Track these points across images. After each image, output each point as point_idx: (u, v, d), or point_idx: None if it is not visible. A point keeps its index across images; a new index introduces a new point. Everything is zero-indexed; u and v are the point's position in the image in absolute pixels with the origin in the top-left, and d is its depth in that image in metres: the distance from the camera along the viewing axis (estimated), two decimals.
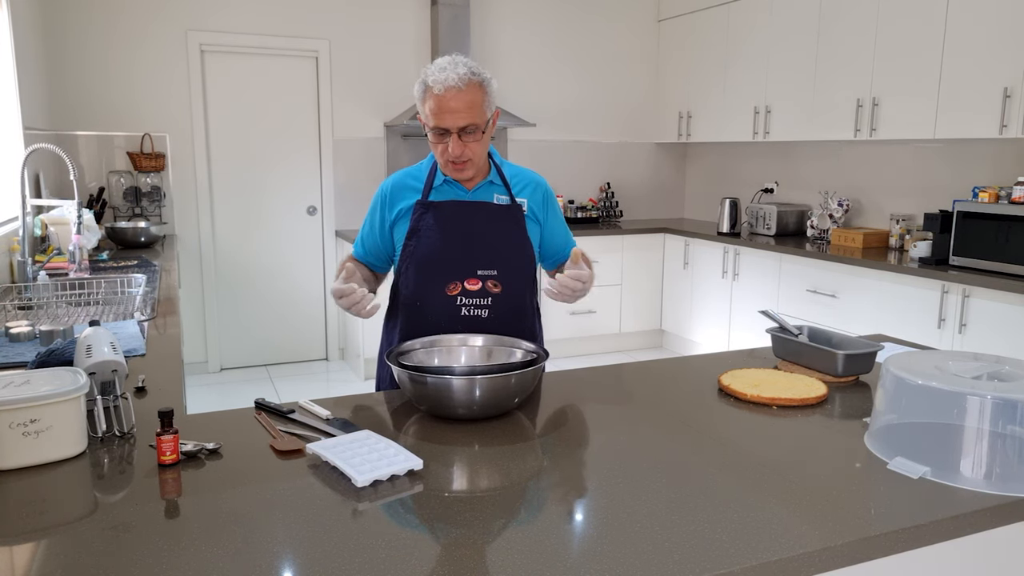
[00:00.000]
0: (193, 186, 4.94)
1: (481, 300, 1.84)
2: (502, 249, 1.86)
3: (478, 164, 1.82)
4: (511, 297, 1.87)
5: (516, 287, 1.88)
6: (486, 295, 1.84)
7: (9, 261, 2.94)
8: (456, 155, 1.75)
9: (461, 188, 1.87)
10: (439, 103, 1.71)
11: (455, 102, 1.70)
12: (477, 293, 1.84)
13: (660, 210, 6.39)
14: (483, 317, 1.84)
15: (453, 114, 1.71)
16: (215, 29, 4.85)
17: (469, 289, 1.83)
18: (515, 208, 1.89)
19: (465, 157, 1.76)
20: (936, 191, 4.40)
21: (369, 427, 1.45)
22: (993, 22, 3.65)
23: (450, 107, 1.70)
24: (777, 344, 1.92)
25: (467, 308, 1.84)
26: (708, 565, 0.97)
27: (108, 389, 1.43)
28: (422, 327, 1.81)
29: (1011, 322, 3.39)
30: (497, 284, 1.85)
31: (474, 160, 1.79)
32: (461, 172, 1.80)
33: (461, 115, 1.71)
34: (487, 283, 1.84)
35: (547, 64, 5.78)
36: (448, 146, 1.74)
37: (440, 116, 1.72)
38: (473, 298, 1.84)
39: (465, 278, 1.83)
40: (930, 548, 1.13)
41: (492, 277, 1.84)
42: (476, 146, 1.76)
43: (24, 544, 1.01)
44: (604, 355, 5.59)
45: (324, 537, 1.03)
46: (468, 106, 1.71)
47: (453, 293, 1.83)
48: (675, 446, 1.37)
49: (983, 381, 1.31)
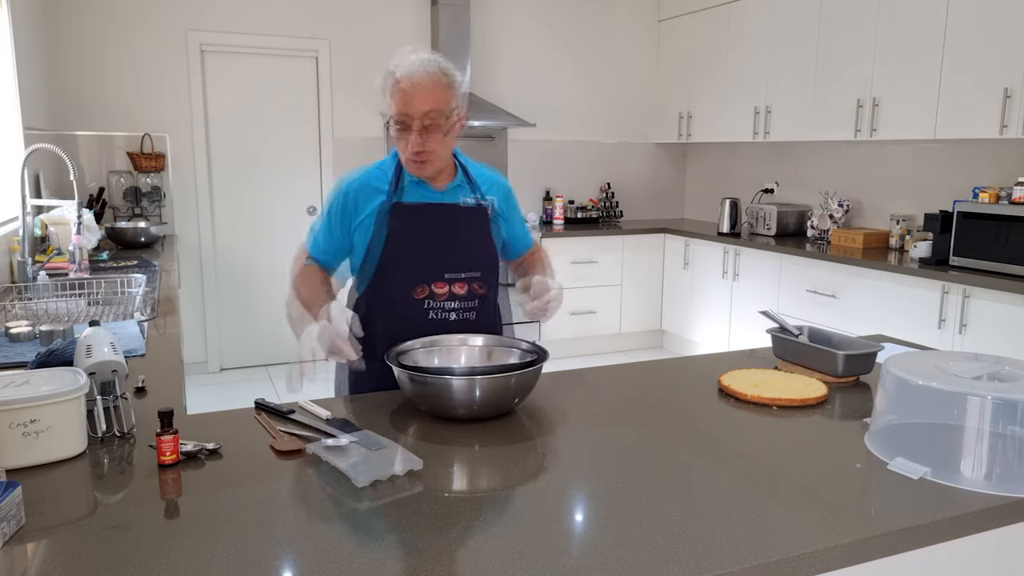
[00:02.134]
0: (193, 186, 4.94)
1: (448, 304, 1.80)
2: (470, 252, 1.83)
3: (439, 162, 1.77)
4: (479, 300, 1.84)
5: (483, 290, 1.84)
6: (453, 298, 1.80)
7: (9, 261, 2.94)
8: (416, 150, 1.69)
9: (429, 189, 1.82)
10: (403, 92, 1.66)
11: (419, 95, 1.66)
12: (444, 297, 1.80)
13: (660, 210, 6.39)
14: (450, 320, 1.80)
15: (415, 105, 1.66)
16: (215, 29, 4.85)
17: (436, 292, 1.79)
18: (482, 209, 1.85)
19: (427, 149, 1.70)
20: (936, 191, 4.40)
21: (369, 427, 1.45)
22: (993, 22, 3.65)
23: (413, 98, 1.65)
24: (777, 344, 1.92)
25: (434, 312, 1.79)
26: (708, 565, 0.97)
27: (108, 389, 1.43)
28: (387, 330, 1.77)
29: (1011, 322, 3.39)
30: (465, 287, 1.81)
31: (435, 157, 1.73)
32: (421, 168, 1.75)
33: (425, 107, 1.66)
34: (454, 286, 1.80)
35: (547, 64, 5.78)
36: (409, 139, 1.69)
37: (403, 104, 1.67)
38: (440, 302, 1.80)
39: (432, 281, 1.79)
40: (930, 548, 1.13)
41: (459, 280, 1.81)
42: (438, 143, 1.71)
43: (24, 544, 1.01)
44: (604, 355, 5.59)
45: (324, 537, 1.03)
46: (432, 100, 1.66)
47: (420, 297, 1.79)
48: (675, 446, 1.37)
49: (983, 381, 1.31)
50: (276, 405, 1.55)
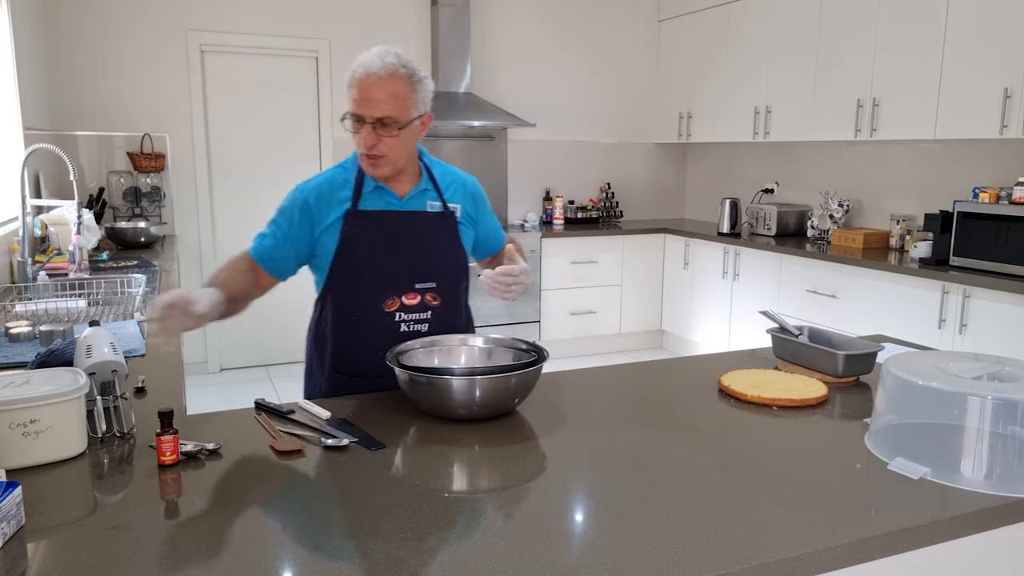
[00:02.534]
0: (193, 186, 4.94)
1: (420, 315, 1.75)
2: (439, 260, 1.77)
3: (395, 163, 1.68)
4: (450, 308, 1.80)
5: (454, 298, 1.81)
6: (425, 309, 1.75)
7: (9, 261, 2.94)
8: (368, 146, 1.63)
9: (393, 196, 1.74)
10: (360, 88, 1.61)
11: (374, 90, 1.60)
12: (416, 308, 1.74)
13: (660, 210, 6.39)
14: (423, 332, 1.75)
15: (371, 102, 1.60)
16: (215, 29, 4.85)
17: (408, 304, 1.73)
18: (448, 215, 1.79)
19: (379, 152, 1.64)
20: (936, 191, 4.40)
21: (369, 427, 1.45)
22: (993, 22, 3.65)
23: (369, 94, 1.60)
24: (777, 344, 1.92)
25: (407, 324, 1.74)
26: (708, 565, 0.97)
27: (108, 389, 1.43)
28: (358, 344, 1.73)
29: (1011, 322, 3.39)
30: (436, 297, 1.76)
31: (390, 158, 1.66)
32: (375, 167, 1.67)
33: (379, 105, 1.60)
34: (426, 296, 1.75)
35: (547, 64, 5.78)
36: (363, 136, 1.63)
37: (358, 103, 1.61)
38: (412, 313, 1.74)
39: (403, 293, 1.73)
40: (930, 548, 1.13)
41: (431, 290, 1.75)
42: (393, 143, 1.64)
43: (24, 544, 1.01)
44: (604, 355, 5.59)
45: (324, 538, 1.03)
46: (389, 96, 1.60)
47: (391, 309, 1.72)
48: (675, 446, 1.37)
49: (983, 382, 1.31)
50: (276, 405, 1.54)
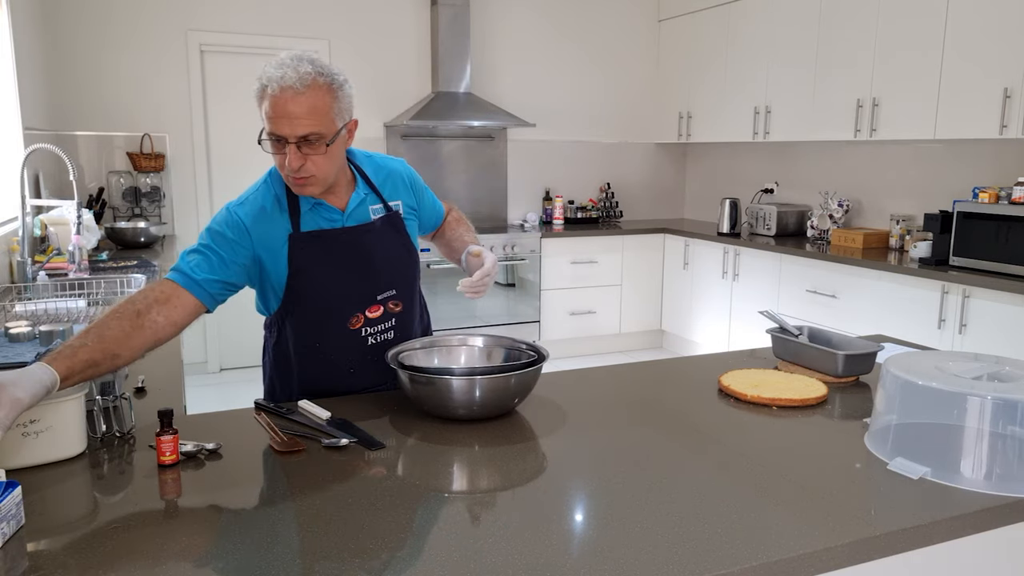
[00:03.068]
0: (193, 186, 4.94)
1: (385, 324, 1.70)
2: (395, 265, 1.71)
3: (326, 180, 1.55)
4: (411, 309, 1.77)
5: (413, 297, 1.78)
6: (389, 317, 1.70)
7: (9, 261, 2.94)
8: (294, 168, 1.48)
9: (334, 211, 1.63)
10: (274, 105, 1.44)
11: (293, 105, 1.44)
12: (380, 319, 1.69)
13: (660, 210, 6.39)
14: (390, 339, 1.71)
15: (290, 120, 1.44)
16: (215, 29, 4.85)
17: (371, 318, 1.67)
18: (394, 216, 1.72)
19: (306, 172, 1.50)
20: (936, 191, 4.40)
21: (369, 427, 1.45)
22: (993, 22, 3.65)
23: (287, 111, 1.44)
24: (777, 344, 1.92)
25: (373, 336, 1.69)
26: (708, 565, 0.97)
27: (108, 389, 1.43)
28: (324, 368, 1.68)
29: (1011, 322, 3.39)
30: (397, 303, 1.71)
31: (319, 177, 1.52)
32: (304, 188, 1.54)
33: (301, 122, 1.45)
34: (388, 304, 1.70)
35: (547, 64, 5.78)
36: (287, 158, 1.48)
37: (275, 121, 1.45)
38: (377, 324, 1.69)
39: (366, 307, 1.66)
40: (930, 548, 1.13)
41: (392, 297, 1.70)
42: (321, 160, 1.50)
43: (24, 544, 1.01)
44: (604, 355, 5.59)
45: (323, 538, 1.03)
46: (309, 111, 1.45)
47: (356, 326, 1.66)
48: (675, 446, 1.37)
49: (983, 382, 1.31)
50: (276, 405, 1.54)
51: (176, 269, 1.53)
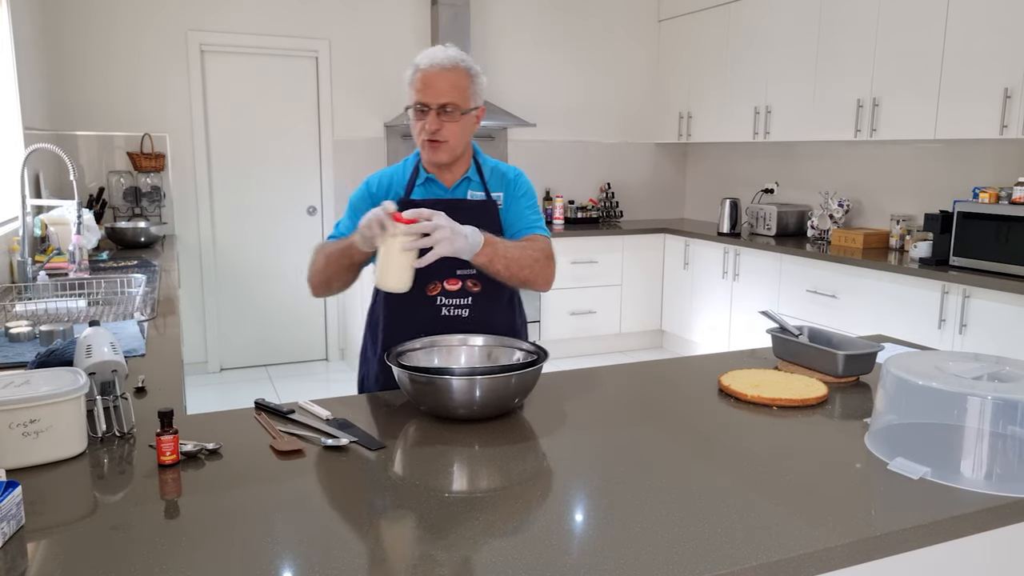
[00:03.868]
0: (193, 186, 4.94)
1: (461, 300, 1.82)
2: None
3: (455, 149, 1.79)
4: (491, 295, 1.85)
5: (496, 284, 1.83)
6: (466, 294, 1.82)
7: (9, 261, 2.94)
8: (433, 131, 1.74)
9: (440, 186, 1.85)
10: (424, 78, 1.73)
11: (439, 80, 1.73)
12: (457, 293, 1.82)
13: (660, 210, 6.39)
14: (464, 317, 1.82)
15: (435, 90, 1.72)
16: (215, 29, 4.85)
17: (449, 289, 1.81)
18: (490, 203, 1.86)
19: (441, 137, 1.75)
20: (936, 191, 4.40)
21: (368, 428, 1.45)
22: (993, 22, 3.65)
23: (433, 83, 1.73)
24: (777, 344, 1.92)
25: (447, 308, 1.82)
26: (708, 565, 0.97)
27: (108, 389, 1.43)
28: (403, 327, 1.79)
29: (1011, 322, 3.39)
30: (476, 283, 1.82)
31: (451, 143, 1.76)
32: (436, 152, 1.77)
33: (443, 92, 1.72)
34: (467, 282, 1.82)
35: (547, 64, 5.78)
36: (426, 122, 1.74)
37: (423, 91, 1.74)
38: (453, 298, 1.82)
39: (445, 278, 1.80)
40: (930, 548, 1.13)
41: (472, 276, 1.81)
42: (454, 127, 1.75)
43: (24, 544, 1.01)
44: (604, 355, 5.59)
45: (324, 537, 1.03)
46: (451, 86, 1.73)
47: (433, 293, 1.81)
48: (675, 446, 1.37)
49: (983, 382, 1.31)
50: (276, 405, 1.54)
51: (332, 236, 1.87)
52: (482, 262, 1.66)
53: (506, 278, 1.73)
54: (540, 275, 1.79)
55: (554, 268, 1.84)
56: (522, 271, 1.73)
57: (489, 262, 1.67)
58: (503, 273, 1.71)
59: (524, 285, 1.79)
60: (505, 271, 1.70)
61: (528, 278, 1.76)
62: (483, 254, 1.64)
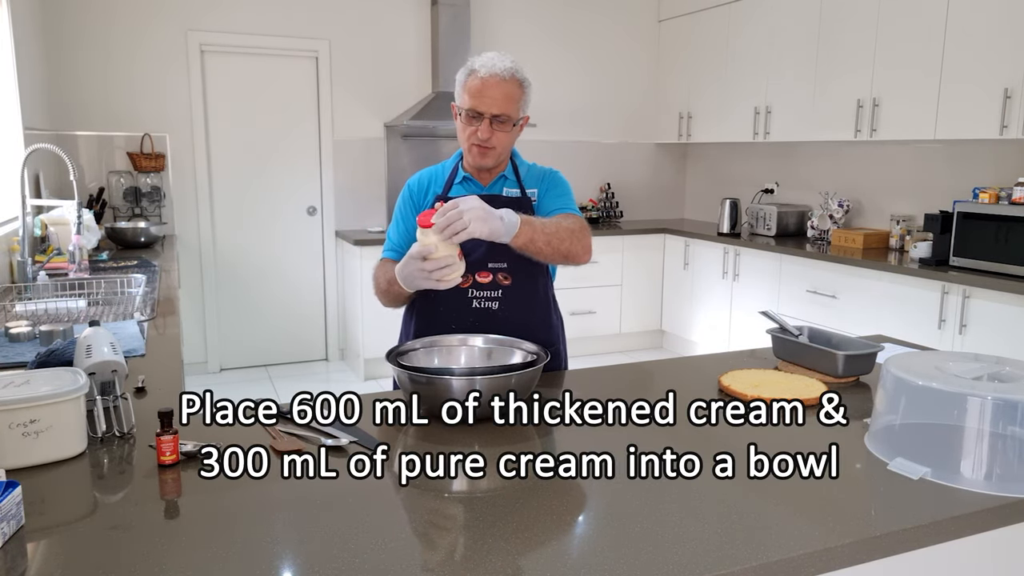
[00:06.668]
0: (193, 186, 4.94)
1: (492, 292, 1.86)
2: None
3: (501, 155, 1.85)
4: (522, 289, 1.89)
5: (527, 279, 1.89)
6: (497, 288, 1.86)
7: (9, 261, 2.94)
8: (484, 139, 1.78)
9: (477, 184, 1.91)
10: (481, 87, 1.77)
11: (495, 89, 1.76)
12: (488, 286, 1.86)
13: (660, 210, 6.39)
14: (494, 309, 1.86)
15: (490, 99, 1.76)
16: (215, 29, 4.85)
17: (480, 282, 1.85)
18: (524, 200, 1.90)
19: (492, 144, 1.80)
20: (936, 192, 4.40)
21: (368, 428, 1.45)
22: (993, 22, 3.65)
23: (489, 92, 1.76)
24: (777, 345, 1.92)
25: (478, 300, 1.86)
26: (708, 565, 0.97)
27: (108, 389, 1.43)
28: (435, 319, 1.86)
29: (1011, 323, 3.39)
30: (507, 276, 1.86)
31: (498, 150, 1.82)
32: (484, 157, 1.83)
33: (498, 103, 1.77)
34: (498, 275, 1.86)
35: (547, 64, 5.78)
36: (478, 129, 1.78)
37: (478, 99, 1.77)
38: (484, 291, 1.86)
39: (476, 271, 1.84)
40: (930, 549, 1.13)
41: (502, 270, 1.85)
42: (504, 136, 1.80)
43: (24, 544, 1.01)
44: (604, 355, 5.59)
45: (324, 538, 1.03)
46: (506, 97, 1.77)
47: (465, 286, 1.84)
48: (675, 446, 1.37)
49: (983, 382, 1.31)
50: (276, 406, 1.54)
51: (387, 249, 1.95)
52: (522, 243, 1.65)
53: (548, 255, 1.72)
54: (580, 244, 1.78)
55: (591, 238, 1.84)
56: (563, 244, 1.73)
57: (530, 241, 1.66)
58: (545, 250, 1.70)
59: (566, 260, 1.78)
60: (547, 247, 1.70)
61: (570, 250, 1.76)
62: (522, 234, 1.63)
